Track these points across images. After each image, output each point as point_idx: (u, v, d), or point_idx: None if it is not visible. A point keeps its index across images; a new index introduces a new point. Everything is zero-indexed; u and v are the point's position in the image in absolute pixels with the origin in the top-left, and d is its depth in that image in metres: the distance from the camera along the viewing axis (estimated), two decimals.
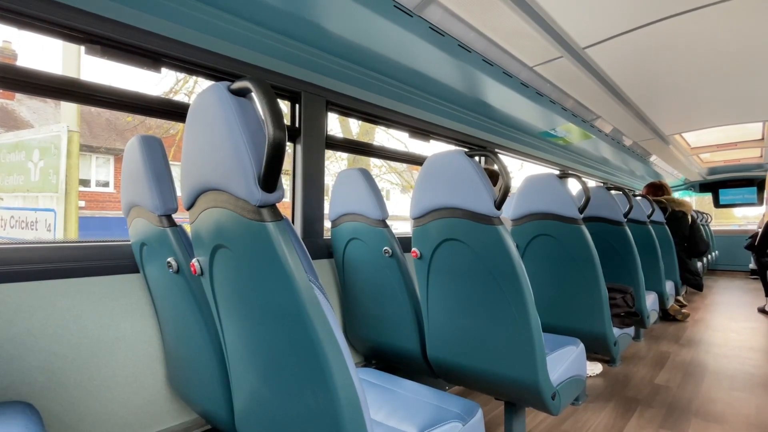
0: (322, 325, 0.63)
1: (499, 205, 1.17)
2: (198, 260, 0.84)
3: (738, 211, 7.63)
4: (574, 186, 3.16)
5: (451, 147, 2.62)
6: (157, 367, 1.27)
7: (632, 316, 1.86)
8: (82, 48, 1.20)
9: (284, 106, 1.79)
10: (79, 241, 1.18)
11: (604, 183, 5.47)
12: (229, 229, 0.71)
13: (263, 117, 0.59)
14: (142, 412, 1.24)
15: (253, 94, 0.61)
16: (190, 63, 1.41)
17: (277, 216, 0.64)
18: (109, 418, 1.18)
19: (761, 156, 5.11)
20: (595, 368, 2.44)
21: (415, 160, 2.29)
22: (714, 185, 7.16)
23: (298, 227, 1.75)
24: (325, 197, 1.86)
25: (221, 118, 0.65)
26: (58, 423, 1.09)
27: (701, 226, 5.57)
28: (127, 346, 1.22)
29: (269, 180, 0.61)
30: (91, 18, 1.16)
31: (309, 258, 0.67)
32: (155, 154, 1.00)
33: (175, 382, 1.24)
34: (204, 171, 0.73)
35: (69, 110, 4.04)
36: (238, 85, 0.64)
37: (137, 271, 1.23)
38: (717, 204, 7.24)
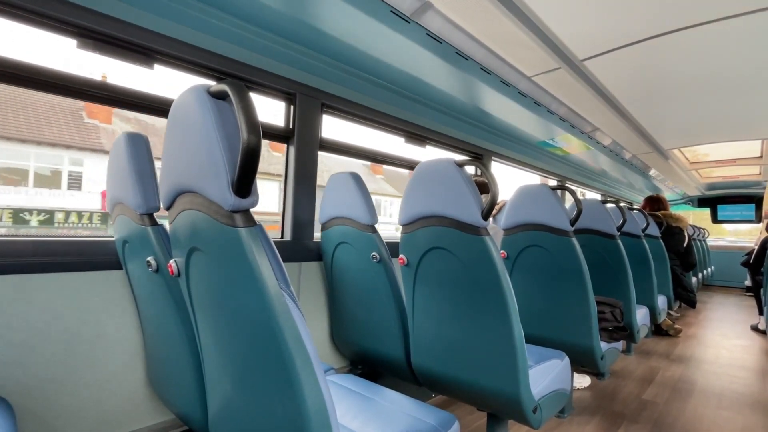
0: (291, 334, 0.62)
1: (486, 215, 1.16)
2: (175, 261, 0.83)
3: (729, 226, 7.64)
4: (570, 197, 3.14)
5: (448, 153, 2.62)
6: (137, 365, 1.26)
7: (620, 331, 1.85)
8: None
9: (279, 106, 1.78)
10: (62, 236, 1.17)
11: (603, 195, 5.46)
12: (203, 232, 0.70)
13: (239, 121, 0.58)
14: (120, 411, 1.22)
15: (231, 98, 0.61)
16: (183, 60, 1.40)
17: (250, 222, 0.63)
18: (85, 415, 1.16)
19: (760, 173, 5.10)
20: (583, 381, 2.42)
21: (409, 165, 2.28)
22: (712, 201, 7.14)
23: (288, 228, 1.74)
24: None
25: (199, 120, 0.64)
26: (33, 419, 1.08)
27: (697, 241, 5.56)
28: (107, 343, 1.21)
29: (243, 185, 0.61)
30: (83, 12, 1.15)
31: (282, 265, 0.66)
32: (140, 152, 0.99)
33: (153, 381, 1.22)
34: (182, 172, 0.72)
35: None
36: (217, 87, 0.64)
37: (120, 268, 1.22)
38: (715, 220, 7.22)
